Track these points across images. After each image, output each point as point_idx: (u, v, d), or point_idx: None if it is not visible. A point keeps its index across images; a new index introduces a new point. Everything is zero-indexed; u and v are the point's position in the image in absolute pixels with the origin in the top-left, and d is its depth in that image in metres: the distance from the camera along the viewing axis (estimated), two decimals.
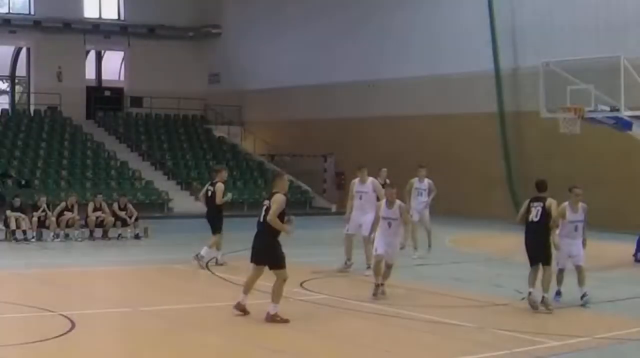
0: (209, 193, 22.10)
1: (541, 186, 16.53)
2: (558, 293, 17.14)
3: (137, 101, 51.65)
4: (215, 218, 22.20)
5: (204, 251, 21.64)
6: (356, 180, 20.97)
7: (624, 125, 23.83)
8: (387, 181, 23.11)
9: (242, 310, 14.70)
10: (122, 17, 51.93)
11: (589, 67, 25.28)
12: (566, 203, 16.86)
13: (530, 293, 16.03)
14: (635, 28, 31.98)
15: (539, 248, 16.18)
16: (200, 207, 23.11)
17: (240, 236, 23.58)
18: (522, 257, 23.92)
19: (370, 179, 20.85)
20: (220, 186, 22.05)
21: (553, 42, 32.70)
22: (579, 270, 16.96)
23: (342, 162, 44.30)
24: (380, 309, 15.77)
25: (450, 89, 39.57)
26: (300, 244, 14.24)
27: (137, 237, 28.61)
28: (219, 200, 21.88)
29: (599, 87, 24.07)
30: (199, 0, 53.32)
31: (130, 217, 28.78)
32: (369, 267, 20.01)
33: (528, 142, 36.57)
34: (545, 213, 16.03)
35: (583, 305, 16.65)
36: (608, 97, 23.86)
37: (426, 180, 23.80)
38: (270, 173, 44.83)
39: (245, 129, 51.05)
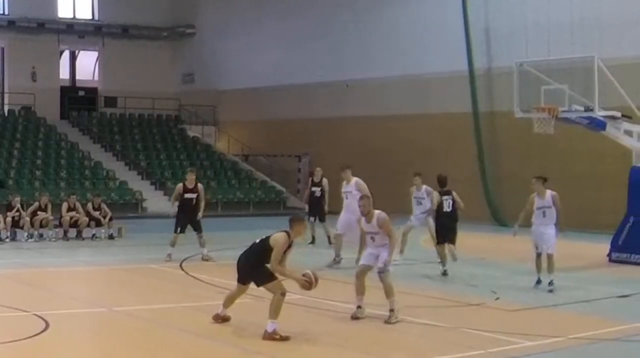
0: None
1: (443, 181, 20.04)
2: (538, 281, 18.45)
3: (111, 101, 51.47)
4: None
5: (204, 250, 22.72)
6: (344, 182, 21.88)
7: (598, 125, 23.88)
8: (324, 179, 26.21)
9: (221, 319, 14.22)
10: (96, 17, 51.72)
11: (563, 67, 25.34)
12: (535, 193, 18.67)
13: (445, 270, 20.00)
14: (609, 28, 32.07)
15: (451, 232, 19.94)
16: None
17: (215, 236, 23.60)
18: (497, 257, 24.18)
19: (355, 179, 21.56)
20: (177, 185, 23.74)
21: (527, 43, 32.74)
22: (549, 258, 18.37)
23: (317, 162, 44.22)
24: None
25: (427, 89, 39.59)
26: None
27: (111, 237, 28.56)
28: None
29: (573, 87, 24.10)
30: (173, 1, 53.22)
31: (104, 217, 28.71)
32: (334, 260, 21.74)
33: (502, 142, 36.64)
34: (454, 204, 19.85)
35: (550, 291, 18.02)
36: (582, 97, 23.91)
37: (424, 188, 23.51)
38: (290, 215, 44.90)
39: (220, 129, 51.01)
